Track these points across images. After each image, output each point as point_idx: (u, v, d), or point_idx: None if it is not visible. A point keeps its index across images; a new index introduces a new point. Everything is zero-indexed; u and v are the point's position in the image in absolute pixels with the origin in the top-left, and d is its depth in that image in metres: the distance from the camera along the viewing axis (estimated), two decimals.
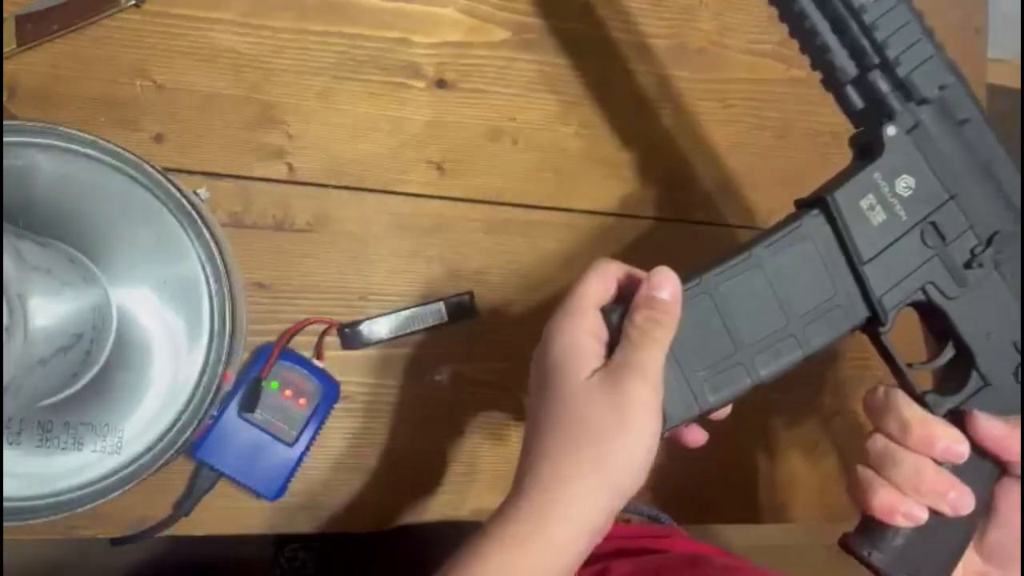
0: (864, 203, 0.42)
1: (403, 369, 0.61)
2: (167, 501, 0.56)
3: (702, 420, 0.43)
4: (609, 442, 0.37)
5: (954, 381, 0.44)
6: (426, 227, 0.62)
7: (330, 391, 0.57)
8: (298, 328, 0.58)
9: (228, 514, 0.57)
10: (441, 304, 0.61)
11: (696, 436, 0.45)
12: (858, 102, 0.43)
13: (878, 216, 0.42)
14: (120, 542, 0.56)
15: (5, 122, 0.46)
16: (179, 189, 0.48)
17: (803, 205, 0.43)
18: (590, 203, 0.65)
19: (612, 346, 0.40)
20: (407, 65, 0.62)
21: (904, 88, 0.42)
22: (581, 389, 0.39)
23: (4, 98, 0.55)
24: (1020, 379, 0.43)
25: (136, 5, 0.56)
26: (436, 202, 0.62)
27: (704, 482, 0.67)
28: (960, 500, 0.41)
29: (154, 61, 0.57)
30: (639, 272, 0.42)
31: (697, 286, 0.42)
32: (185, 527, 0.56)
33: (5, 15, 0.54)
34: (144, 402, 0.48)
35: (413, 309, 0.60)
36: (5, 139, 0.46)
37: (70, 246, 0.47)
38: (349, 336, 0.59)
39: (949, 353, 0.44)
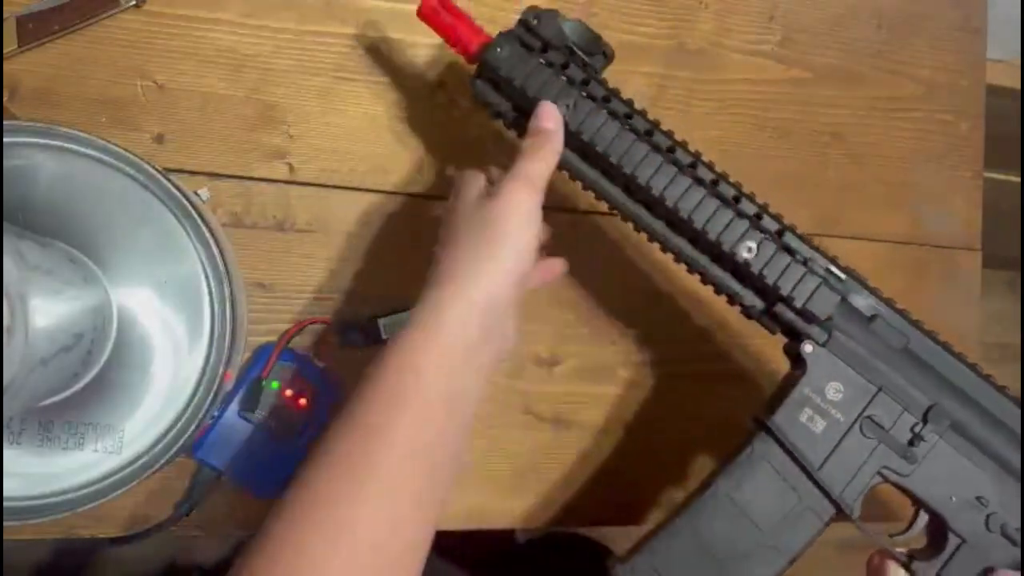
0: (803, 417, 0.47)
1: None
2: (168, 501, 0.56)
3: None
4: (491, 238, 0.45)
5: (934, 545, 0.48)
6: (426, 227, 0.62)
7: (330, 391, 0.57)
8: (298, 328, 0.58)
9: (228, 514, 0.57)
10: None
11: None
12: (775, 327, 0.49)
13: (818, 425, 0.47)
14: (120, 542, 0.56)
15: (5, 122, 0.46)
16: (180, 189, 0.48)
17: (755, 422, 0.49)
18: (591, 204, 0.65)
19: None
20: (407, 65, 0.62)
21: (805, 314, 0.47)
22: (474, 200, 0.47)
23: (5, 98, 0.55)
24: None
25: (136, 5, 0.56)
26: (437, 202, 0.62)
27: None
28: None
29: (154, 61, 0.57)
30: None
31: (673, 528, 0.47)
32: (186, 527, 0.56)
33: (6, 15, 0.54)
34: (145, 402, 0.48)
35: (413, 309, 0.60)
36: (6, 139, 0.46)
37: (71, 246, 0.47)
38: (349, 336, 0.59)
39: (923, 520, 0.49)
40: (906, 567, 0.48)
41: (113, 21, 0.57)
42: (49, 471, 0.47)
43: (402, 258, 0.61)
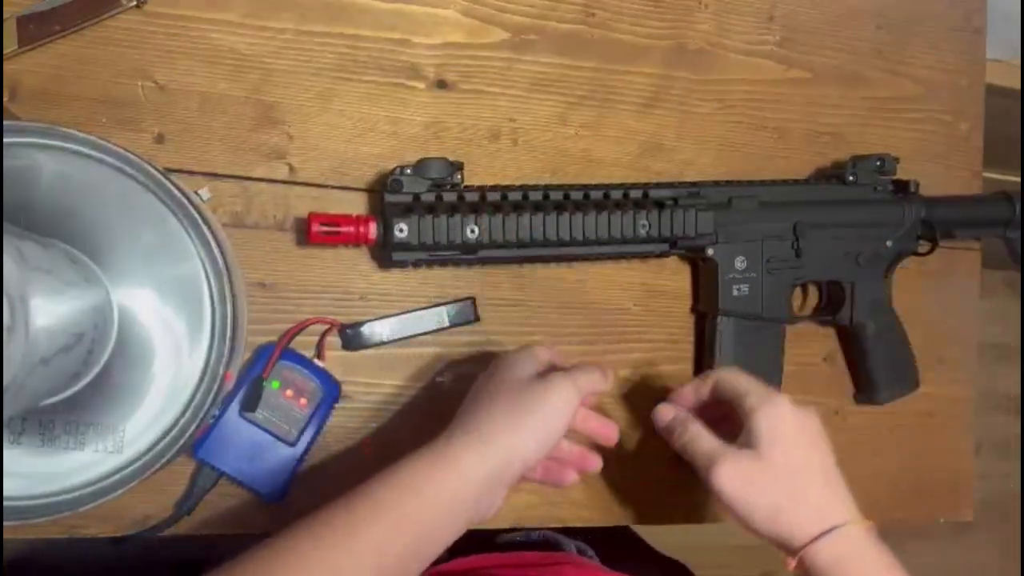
0: (734, 292, 0.64)
1: (404, 370, 0.61)
2: (168, 501, 0.56)
3: None
4: (528, 411, 0.48)
5: (837, 303, 0.69)
6: None
7: (331, 391, 0.58)
8: (299, 328, 0.58)
9: (229, 513, 0.57)
10: (443, 309, 0.61)
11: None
12: (682, 253, 0.65)
13: (744, 289, 0.65)
14: (121, 541, 0.56)
15: (6, 122, 0.46)
16: (180, 190, 0.48)
17: (704, 314, 0.66)
18: None
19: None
20: (407, 66, 0.62)
21: (698, 237, 0.62)
22: (524, 378, 0.51)
23: (5, 99, 0.55)
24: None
25: (137, 6, 0.56)
26: None
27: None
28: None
29: (155, 62, 0.57)
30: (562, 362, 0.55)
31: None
32: (186, 526, 0.56)
33: (7, 16, 0.54)
34: (145, 402, 0.48)
35: (415, 312, 0.60)
36: (6, 139, 0.46)
37: (71, 246, 0.47)
38: (350, 337, 0.59)
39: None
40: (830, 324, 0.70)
41: (114, 21, 0.57)
42: (50, 471, 0.47)
43: None
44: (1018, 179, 1.19)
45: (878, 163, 0.68)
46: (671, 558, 0.75)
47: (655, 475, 0.66)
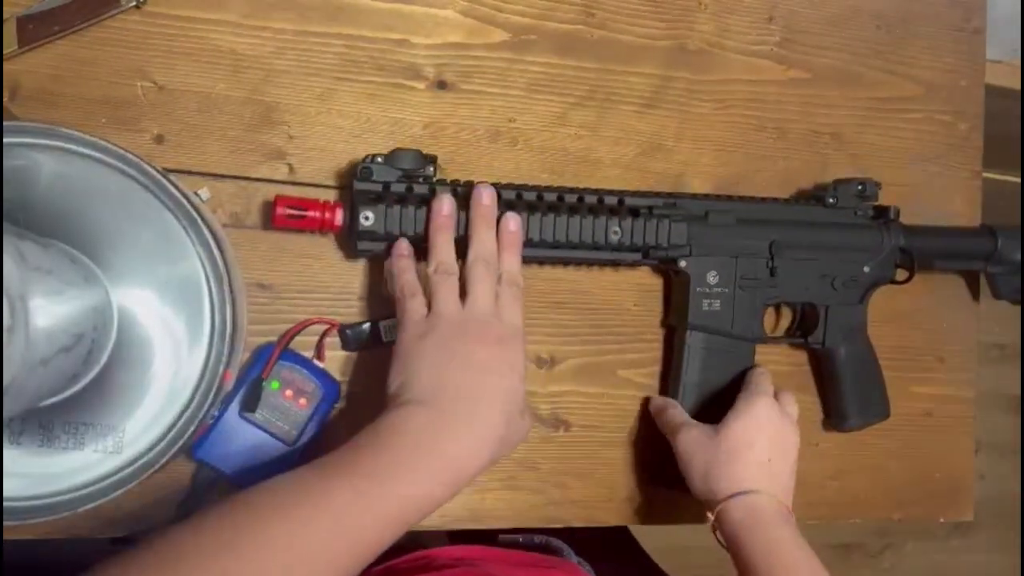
0: (704, 307, 0.64)
1: None
2: (168, 501, 0.56)
3: None
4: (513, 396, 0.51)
5: (810, 326, 0.68)
6: None
7: (331, 391, 0.57)
8: (299, 328, 0.58)
9: None
10: None
11: None
12: (655, 263, 0.64)
13: (715, 304, 0.64)
14: (120, 542, 0.56)
15: (5, 122, 0.46)
16: (180, 190, 0.48)
17: (672, 328, 0.66)
18: None
19: None
20: (407, 66, 0.62)
21: (671, 248, 0.62)
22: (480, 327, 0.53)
23: (5, 99, 0.55)
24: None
25: (137, 6, 0.56)
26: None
27: None
28: None
29: (155, 62, 0.57)
30: None
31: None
32: None
33: (6, 16, 0.54)
34: (145, 402, 0.48)
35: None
36: (6, 139, 0.46)
37: (71, 246, 0.47)
38: (350, 337, 0.59)
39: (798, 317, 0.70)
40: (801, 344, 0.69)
41: (114, 22, 0.57)
42: (49, 471, 0.47)
43: None
44: (1018, 179, 1.19)
45: (859, 187, 0.67)
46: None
47: (657, 474, 0.66)
